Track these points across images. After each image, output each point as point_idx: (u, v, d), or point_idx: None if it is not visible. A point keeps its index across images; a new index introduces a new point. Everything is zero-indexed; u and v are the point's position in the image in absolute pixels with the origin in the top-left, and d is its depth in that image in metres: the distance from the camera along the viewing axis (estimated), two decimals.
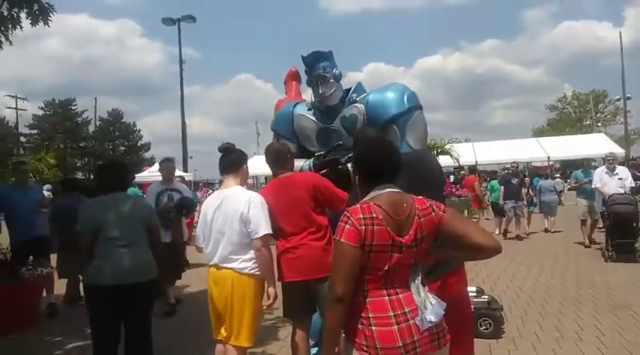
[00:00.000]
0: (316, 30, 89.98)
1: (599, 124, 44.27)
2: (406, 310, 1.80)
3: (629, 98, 32.82)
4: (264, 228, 2.92)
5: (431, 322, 1.78)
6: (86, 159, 44.80)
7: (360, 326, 1.80)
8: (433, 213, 1.88)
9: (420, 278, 1.90)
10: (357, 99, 3.70)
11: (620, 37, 32.50)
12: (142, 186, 18.21)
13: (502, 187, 11.07)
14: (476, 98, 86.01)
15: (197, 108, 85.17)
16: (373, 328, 1.77)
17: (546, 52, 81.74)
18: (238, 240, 2.95)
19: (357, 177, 2.01)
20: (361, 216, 1.80)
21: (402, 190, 1.92)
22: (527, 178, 13.78)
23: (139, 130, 48.43)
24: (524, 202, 11.26)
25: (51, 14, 5.84)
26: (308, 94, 4.86)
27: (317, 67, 3.72)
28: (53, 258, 6.04)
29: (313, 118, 3.88)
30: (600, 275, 6.73)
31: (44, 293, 5.70)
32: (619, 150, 20.35)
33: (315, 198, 3.09)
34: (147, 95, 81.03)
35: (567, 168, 35.50)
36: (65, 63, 70.00)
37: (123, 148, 46.68)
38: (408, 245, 1.81)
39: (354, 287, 1.80)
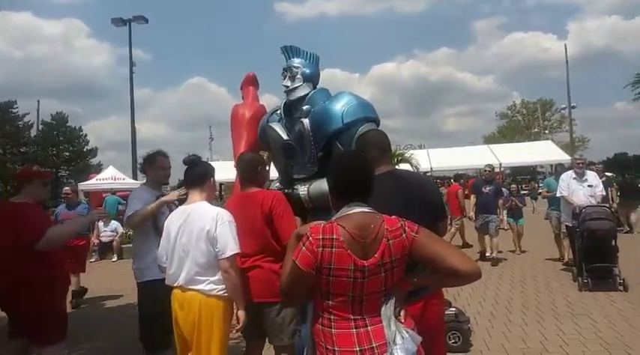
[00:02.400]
0: (272, 34, 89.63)
1: (547, 132, 46.19)
2: (374, 344, 1.68)
3: (574, 107, 34.36)
4: (231, 247, 2.73)
5: None
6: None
7: None
8: (404, 235, 1.75)
9: (392, 307, 1.76)
10: (312, 110, 3.54)
11: (566, 49, 33.88)
12: (89, 194, 17.35)
13: (472, 198, 9.13)
14: (429, 105, 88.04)
15: (147, 112, 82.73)
16: None
17: (496, 62, 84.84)
18: (205, 260, 2.76)
19: (330, 192, 1.92)
20: (320, 237, 1.70)
21: (374, 209, 1.81)
22: (513, 186, 11.61)
23: (85, 135, 46.43)
24: (500, 217, 8.92)
25: None
26: (264, 99, 4.75)
27: (291, 60, 3.65)
28: None
29: (279, 131, 3.72)
30: (557, 281, 6.90)
31: None
32: (565, 157, 21.27)
33: (269, 222, 2.92)
34: (93, 98, 77.70)
35: (517, 174, 36.77)
36: (5, 62, 66.33)
37: (67, 154, 44.56)
38: (373, 269, 1.69)
39: (303, 295, 1.84)
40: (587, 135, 49.18)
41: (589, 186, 7.10)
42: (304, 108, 3.50)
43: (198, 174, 2.99)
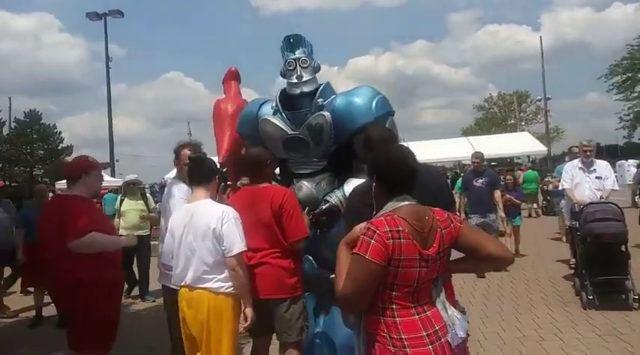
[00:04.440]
0: (248, 28, 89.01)
1: (523, 123, 46.81)
2: (437, 328, 1.79)
3: (549, 99, 34.89)
4: (238, 245, 2.71)
5: (461, 337, 1.80)
6: (0, 165, 41.41)
7: (392, 348, 1.73)
8: (452, 225, 1.87)
9: (443, 292, 1.90)
10: (324, 104, 3.46)
11: (541, 41, 34.32)
12: None
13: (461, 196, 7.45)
14: (406, 98, 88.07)
15: (122, 108, 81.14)
16: (408, 350, 1.72)
17: (472, 54, 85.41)
18: (212, 258, 2.73)
19: (374, 185, 1.97)
20: (387, 229, 1.73)
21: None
22: (509, 177, 9.81)
23: (60, 133, 45.33)
24: (500, 215, 7.18)
25: None
26: (246, 94, 4.65)
27: (299, 50, 3.53)
28: None
29: (279, 124, 3.62)
30: (544, 271, 7.02)
31: None
32: (541, 148, 21.66)
33: (278, 218, 2.90)
34: (66, 94, 76.24)
35: (495, 167, 37.15)
36: None
37: (42, 152, 43.46)
38: (434, 258, 1.79)
39: (368, 300, 1.77)
40: (562, 126, 49.62)
41: (597, 177, 5.85)
42: (318, 101, 3.42)
43: (205, 172, 2.96)
